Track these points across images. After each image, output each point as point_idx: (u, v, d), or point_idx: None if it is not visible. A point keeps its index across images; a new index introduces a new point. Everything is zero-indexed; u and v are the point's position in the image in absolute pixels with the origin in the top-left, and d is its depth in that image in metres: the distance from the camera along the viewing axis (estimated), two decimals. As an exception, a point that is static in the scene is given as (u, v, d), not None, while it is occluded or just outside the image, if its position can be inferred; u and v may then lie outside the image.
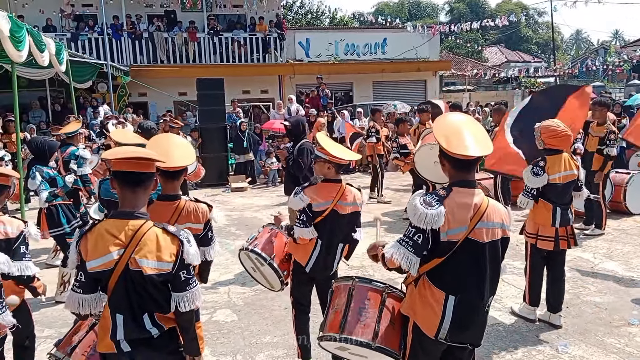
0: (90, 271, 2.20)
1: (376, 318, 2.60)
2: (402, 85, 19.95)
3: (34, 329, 3.48)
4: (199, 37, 17.46)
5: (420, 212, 2.33)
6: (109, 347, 2.27)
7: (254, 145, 12.88)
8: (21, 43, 7.46)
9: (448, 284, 2.42)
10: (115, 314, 2.23)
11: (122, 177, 2.25)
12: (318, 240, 3.45)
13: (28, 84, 13.82)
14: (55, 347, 2.69)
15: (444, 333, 2.41)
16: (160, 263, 2.21)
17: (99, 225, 2.27)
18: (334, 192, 3.43)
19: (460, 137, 2.43)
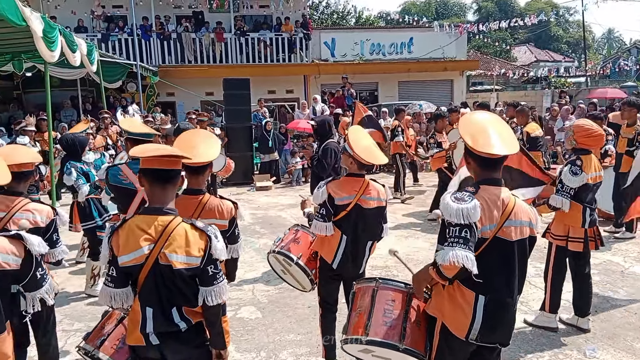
0: (122, 266, 2.26)
1: (402, 319, 2.56)
2: (428, 85, 19.77)
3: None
4: (225, 37, 17.64)
5: (456, 208, 2.28)
6: (138, 339, 2.32)
7: (278, 144, 12.98)
8: (54, 43, 7.68)
9: (478, 284, 2.37)
10: (145, 307, 2.29)
11: (152, 174, 2.30)
12: (343, 236, 3.45)
13: (60, 83, 14.19)
14: (84, 340, 2.73)
15: (475, 334, 2.38)
16: (189, 258, 2.27)
17: (129, 221, 2.32)
18: (357, 186, 3.44)
19: (486, 135, 2.42)
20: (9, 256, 2.12)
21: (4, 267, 2.09)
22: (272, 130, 12.79)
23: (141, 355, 2.38)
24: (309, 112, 14.19)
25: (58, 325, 4.67)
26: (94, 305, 5.22)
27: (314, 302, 4.76)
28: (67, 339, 4.49)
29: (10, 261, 2.12)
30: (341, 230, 3.45)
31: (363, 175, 3.50)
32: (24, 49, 9.84)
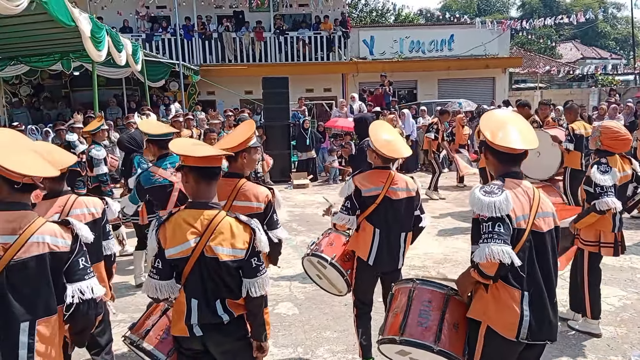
0: (169, 258, 2.34)
1: (438, 321, 2.52)
2: (469, 82, 19.41)
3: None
4: (265, 36, 17.83)
5: (487, 201, 2.26)
6: (182, 330, 2.39)
7: (316, 143, 13.04)
8: (101, 43, 7.95)
9: (521, 280, 2.33)
10: (191, 298, 2.36)
11: (198, 171, 2.38)
12: (375, 230, 3.45)
13: (106, 82, 14.69)
14: (130, 330, 2.80)
15: (525, 332, 2.32)
16: (235, 250, 2.35)
17: (175, 215, 2.40)
18: (384, 177, 3.46)
19: (505, 131, 2.43)
20: (59, 239, 2.20)
21: (54, 250, 2.17)
22: (309, 128, 12.86)
23: (184, 346, 2.45)
24: (346, 110, 14.17)
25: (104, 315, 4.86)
26: (137, 297, 5.39)
27: (351, 300, 4.78)
28: (112, 328, 4.64)
29: (60, 244, 2.20)
30: (373, 224, 3.47)
31: (389, 167, 3.53)
32: (72, 48, 10.24)
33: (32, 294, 2.13)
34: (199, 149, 2.43)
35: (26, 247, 2.12)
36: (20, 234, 2.12)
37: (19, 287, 2.11)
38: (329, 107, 16.77)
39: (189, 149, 2.40)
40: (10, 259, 2.08)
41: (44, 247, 2.15)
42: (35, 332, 2.12)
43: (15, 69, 12.13)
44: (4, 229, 2.11)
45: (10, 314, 2.09)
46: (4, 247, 2.09)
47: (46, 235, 2.17)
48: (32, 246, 2.13)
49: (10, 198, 2.16)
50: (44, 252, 2.15)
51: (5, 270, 2.08)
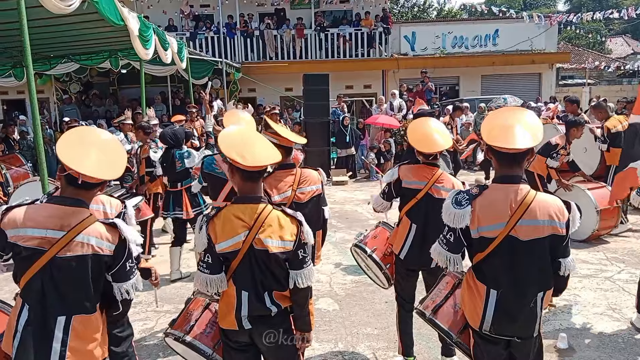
0: (220, 252, 2.38)
1: (443, 298, 2.82)
2: (514, 78, 18.86)
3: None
4: (306, 33, 17.87)
5: (450, 211, 2.43)
6: (231, 324, 2.43)
7: (355, 139, 13.00)
8: (148, 42, 8.14)
9: (488, 278, 2.45)
10: (241, 291, 2.41)
11: (244, 173, 2.39)
12: (412, 225, 3.44)
13: (152, 79, 15.05)
14: (170, 326, 2.80)
15: (487, 326, 2.44)
16: (284, 242, 2.40)
17: (224, 210, 2.44)
18: (429, 173, 3.45)
19: (503, 130, 2.40)
20: (104, 242, 2.21)
21: (98, 252, 2.19)
22: (349, 125, 12.83)
23: (232, 339, 2.49)
24: (386, 107, 14.06)
25: (149, 307, 5.02)
26: (181, 289, 5.52)
27: (392, 297, 4.74)
28: (158, 319, 4.79)
29: (104, 247, 2.21)
30: (411, 219, 3.46)
31: (436, 165, 3.51)
32: (120, 47, 10.53)
33: (71, 292, 2.17)
34: (248, 157, 2.35)
35: (71, 245, 2.14)
36: (68, 231, 2.15)
37: (58, 283, 2.15)
38: (369, 103, 16.68)
39: (238, 155, 2.34)
40: (54, 255, 2.12)
41: (88, 248, 2.17)
42: (70, 327, 2.16)
43: (66, 67, 12.57)
44: (53, 224, 2.15)
45: (48, 307, 2.14)
46: (50, 242, 2.12)
47: (92, 237, 2.18)
48: (77, 245, 2.15)
49: (67, 193, 2.22)
50: (87, 253, 2.17)
51: (49, 265, 2.13)
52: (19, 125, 12.89)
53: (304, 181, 3.54)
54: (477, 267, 2.49)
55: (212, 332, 2.68)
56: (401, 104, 14.07)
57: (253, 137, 2.54)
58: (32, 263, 2.13)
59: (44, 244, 2.12)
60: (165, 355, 4.10)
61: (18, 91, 17.07)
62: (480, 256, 2.44)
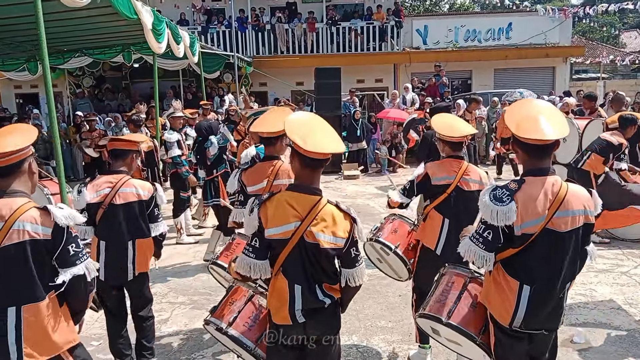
0: (268, 238, 2.33)
1: (455, 299, 2.70)
2: (527, 72, 18.65)
3: (153, 300, 3.76)
4: (317, 27, 17.82)
5: (491, 208, 2.31)
6: (285, 319, 2.37)
7: (367, 133, 12.96)
8: (161, 36, 8.16)
9: (522, 274, 2.38)
10: (294, 284, 2.34)
11: (305, 159, 2.32)
12: (445, 220, 3.41)
13: (164, 74, 15.09)
14: (211, 314, 2.76)
15: (519, 322, 2.39)
16: (335, 238, 2.33)
17: (278, 195, 2.38)
18: (457, 167, 3.42)
19: (531, 121, 2.36)
20: (39, 227, 2.22)
21: (34, 237, 2.20)
22: (360, 119, 12.79)
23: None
24: (398, 101, 13.99)
25: (163, 298, 5.06)
26: (196, 281, 5.55)
27: (405, 290, 4.75)
28: (173, 310, 4.82)
29: (40, 231, 2.22)
30: (442, 214, 3.42)
31: (462, 157, 3.48)
32: (133, 41, 10.56)
33: (15, 280, 2.16)
34: (309, 142, 2.29)
35: (9, 234, 2.15)
36: (5, 221, 2.16)
37: (2, 273, 2.15)
38: (380, 97, 16.61)
39: (300, 138, 2.29)
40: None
41: (24, 234, 2.17)
42: (22, 318, 2.16)
43: (79, 61, 12.62)
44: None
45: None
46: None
47: (27, 222, 2.18)
48: (14, 233, 2.16)
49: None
50: (24, 239, 2.17)
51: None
52: (33, 119, 13.01)
53: (281, 174, 3.39)
54: (507, 262, 2.42)
55: (255, 325, 2.64)
56: (414, 98, 13.98)
57: (319, 125, 2.45)
58: None
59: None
60: (181, 346, 4.13)
61: (32, 85, 17.22)
62: (512, 251, 2.38)
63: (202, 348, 4.07)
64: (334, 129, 2.52)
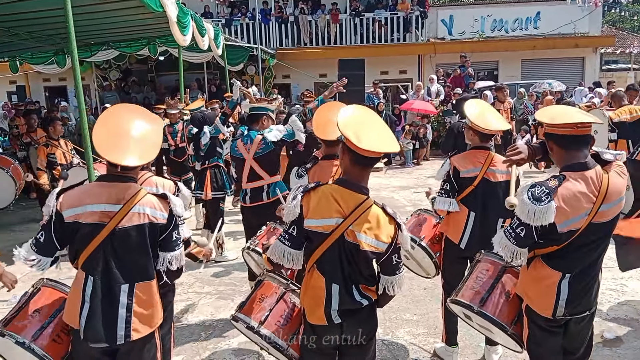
0: (307, 228, 2.26)
1: (488, 287, 2.67)
2: (556, 63, 18.21)
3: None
4: (340, 18, 17.70)
5: (528, 207, 2.23)
6: (320, 319, 2.30)
7: (391, 125, 12.84)
8: (186, 28, 8.19)
9: (563, 265, 2.35)
10: (331, 284, 2.28)
11: (361, 158, 2.24)
12: (470, 213, 3.34)
13: (188, 66, 15.21)
14: (239, 310, 2.70)
15: (561, 311, 2.38)
16: (378, 242, 2.25)
17: (324, 187, 2.31)
18: (482, 158, 3.34)
19: (565, 113, 2.34)
20: (157, 211, 2.34)
21: (153, 221, 2.31)
22: (384, 111, 12.69)
23: (321, 335, 2.35)
24: (423, 92, 13.84)
25: (190, 288, 5.12)
26: (221, 271, 5.60)
27: (430, 284, 4.71)
28: (199, 300, 4.88)
29: (159, 216, 2.33)
30: (468, 207, 3.34)
31: (488, 148, 3.39)
32: (158, 34, 10.65)
33: (132, 260, 2.30)
34: (364, 139, 2.20)
35: (129, 216, 2.27)
36: (124, 203, 2.27)
37: (120, 253, 2.28)
38: (405, 89, 16.45)
39: (354, 135, 2.19)
40: (114, 227, 2.25)
41: (144, 217, 2.30)
42: (134, 294, 2.30)
43: (106, 54, 12.80)
44: (110, 199, 2.27)
45: (112, 277, 2.27)
46: (109, 216, 2.25)
47: (147, 207, 2.31)
48: (134, 216, 2.28)
49: (114, 172, 2.31)
50: (144, 222, 2.30)
51: (110, 237, 2.25)
52: (61, 111, 13.27)
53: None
54: (548, 255, 2.37)
55: (287, 324, 2.59)
56: (439, 90, 13.83)
57: (373, 122, 2.35)
58: (93, 238, 2.25)
59: (104, 218, 2.25)
60: (207, 336, 4.18)
61: (60, 78, 17.55)
62: (555, 247, 2.34)
63: (228, 337, 4.11)
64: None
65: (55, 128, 7.07)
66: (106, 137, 2.24)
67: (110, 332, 2.26)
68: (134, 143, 2.26)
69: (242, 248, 3.85)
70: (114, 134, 2.26)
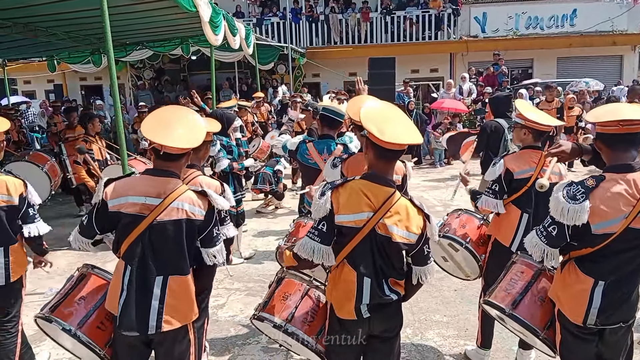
0: (338, 224, 2.27)
1: (521, 290, 2.62)
2: (593, 61, 17.71)
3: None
4: (371, 17, 17.62)
5: (562, 206, 2.19)
6: (350, 313, 2.31)
7: (421, 124, 12.71)
8: (218, 28, 8.28)
9: (597, 270, 2.26)
10: (363, 277, 2.29)
11: (386, 152, 2.25)
12: (523, 215, 3.23)
13: (220, 66, 15.40)
14: (262, 309, 2.67)
15: (593, 319, 2.28)
16: (409, 233, 2.27)
17: (352, 182, 2.33)
18: (536, 157, 3.21)
19: (612, 110, 2.24)
20: (196, 208, 2.39)
21: (191, 217, 2.37)
22: (414, 109, 12.57)
23: (349, 329, 2.36)
24: (454, 91, 13.65)
25: (220, 284, 5.18)
26: (249, 268, 5.65)
27: (461, 285, 4.65)
28: (229, 296, 4.93)
29: (196, 212, 2.39)
30: (520, 208, 3.24)
31: (541, 147, 3.28)
32: (191, 33, 10.81)
33: (167, 254, 2.35)
34: (387, 133, 2.22)
35: (168, 210, 2.32)
36: (164, 198, 2.33)
37: (157, 245, 2.33)
38: (436, 88, 16.26)
39: (377, 130, 2.22)
40: (153, 220, 2.31)
41: (182, 213, 2.35)
42: (167, 287, 2.35)
43: (140, 54, 13.06)
44: (151, 192, 2.34)
45: (148, 268, 2.33)
46: (149, 208, 2.31)
47: (185, 203, 2.37)
48: (173, 211, 2.34)
49: (158, 165, 2.39)
50: (181, 217, 2.35)
51: (148, 230, 2.31)
52: (97, 109, 13.61)
53: None
54: (581, 259, 2.30)
55: (314, 321, 2.58)
56: (471, 88, 13.62)
57: (397, 115, 2.38)
58: (133, 228, 2.32)
59: (144, 210, 2.32)
60: (237, 332, 4.22)
61: (95, 77, 18.02)
62: (589, 250, 2.26)
63: (257, 334, 4.11)
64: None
65: (94, 125, 7.27)
66: (154, 124, 2.36)
67: (143, 321, 2.32)
68: (178, 129, 2.35)
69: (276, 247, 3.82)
70: (161, 122, 2.37)
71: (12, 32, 7.84)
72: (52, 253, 6.41)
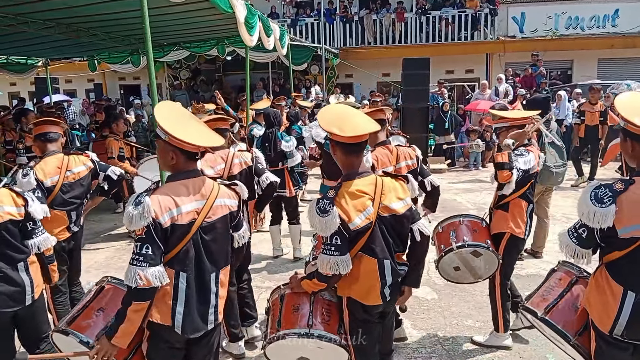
0: (354, 230, 2.39)
1: (556, 296, 2.64)
2: (636, 63, 17.04)
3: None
4: (406, 17, 17.48)
5: (588, 209, 2.16)
6: (376, 299, 2.50)
7: (455, 126, 12.55)
8: (253, 28, 8.38)
9: (627, 279, 2.18)
10: (383, 261, 2.47)
11: (352, 146, 2.48)
12: (529, 205, 3.47)
13: (254, 66, 15.56)
14: (279, 328, 2.58)
15: (620, 330, 2.20)
16: (404, 201, 2.54)
17: (342, 190, 2.45)
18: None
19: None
20: (234, 201, 2.51)
21: (231, 210, 2.49)
22: (449, 111, 12.41)
23: (372, 312, 2.54)
24: (490, 92, 13.40)
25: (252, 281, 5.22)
26: (281, 267, 5.69)
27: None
28: (260, 294, 4.97)
29: (234, 205, 2.50)
30: (527, 200, 3.47)
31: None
32: (226, 34, 10.95)
33: (218, 249, 2.43)
34: (347, 129, 2.41)
35: (213, 210, 2.39)
36: (207, 198, 2.38)
37: (208, 244, 2.38)
38: (471, 89, 16.01)
39: (337, 128, 2.41)
40: (202, 221, 2.35)
41: (225, 208, 2.46)
42: (218, 280, 2.44)
43: (177, 54, 13.31)
44: (196, 195, 2.35)
45: (204, 267, 2.37)
46: (198, 212, 2.33)
47: (225, 198, 2.46)
48: (218, 208, 2.41)
49: (188, 167, 2.38)
50: (225, 213, 2.45)
51: (199, 231, 2.34)
52: (135, 108, 13.94)
53: (404, 156, 3.78)
54: (613, 265, 2.24)
55: (330, 319, 2.58)
56: (507, 90, 13.34)
57: (351, 111, 2.58)
58: (185, 236, 2.29)
59: (195, 215, 2.34)
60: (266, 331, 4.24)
61: (134, 77, 18.48)
62: (618, 254, 2.19)
63: (286, 333, 4.15)
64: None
65: (118, 125, 7.42)
66: (192, 131, 2.34)
67: (204, 319, 2.38)
68: (201, 128, 2.46)
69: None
70: (193, 129, 2.39)
71: (55, 33, 8.10)
72: (88, 247, 6.62)
